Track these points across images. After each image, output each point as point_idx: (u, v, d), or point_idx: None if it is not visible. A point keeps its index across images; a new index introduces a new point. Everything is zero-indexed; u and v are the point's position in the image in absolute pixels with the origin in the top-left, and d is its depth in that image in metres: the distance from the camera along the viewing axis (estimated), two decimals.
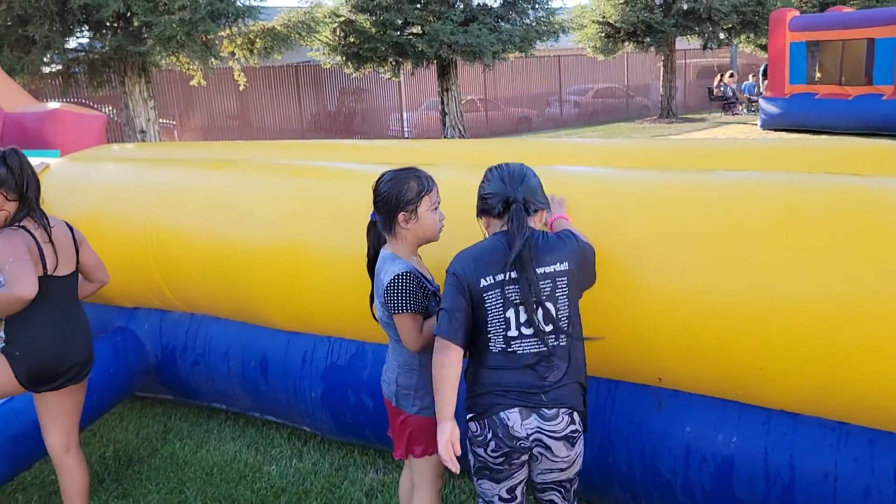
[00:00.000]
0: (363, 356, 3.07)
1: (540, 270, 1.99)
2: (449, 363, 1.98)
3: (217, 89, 21.45)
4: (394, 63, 16.98)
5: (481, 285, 2.00)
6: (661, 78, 22.78)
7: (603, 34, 21.07)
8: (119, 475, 3.27)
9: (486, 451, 2.03)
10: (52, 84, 15.11)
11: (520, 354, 2.00)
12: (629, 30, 20.67)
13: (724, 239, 2.23)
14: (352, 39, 16.33)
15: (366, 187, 3.04)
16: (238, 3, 12.83)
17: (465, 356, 2.06)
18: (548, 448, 2.01)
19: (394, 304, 2.16)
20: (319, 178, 3.32)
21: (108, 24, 12.89)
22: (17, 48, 11.89)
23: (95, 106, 17.57)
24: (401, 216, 2.20)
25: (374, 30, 15.91)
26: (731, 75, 22.61)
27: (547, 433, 2.00)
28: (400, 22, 16.04)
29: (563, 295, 2.02)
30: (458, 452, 1.98)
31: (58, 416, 2.69)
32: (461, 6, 16.27)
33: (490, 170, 2.14)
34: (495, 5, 17.04)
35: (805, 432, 2.28)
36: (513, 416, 1.99)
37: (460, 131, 17.75)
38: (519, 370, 2.00)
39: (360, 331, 3.03)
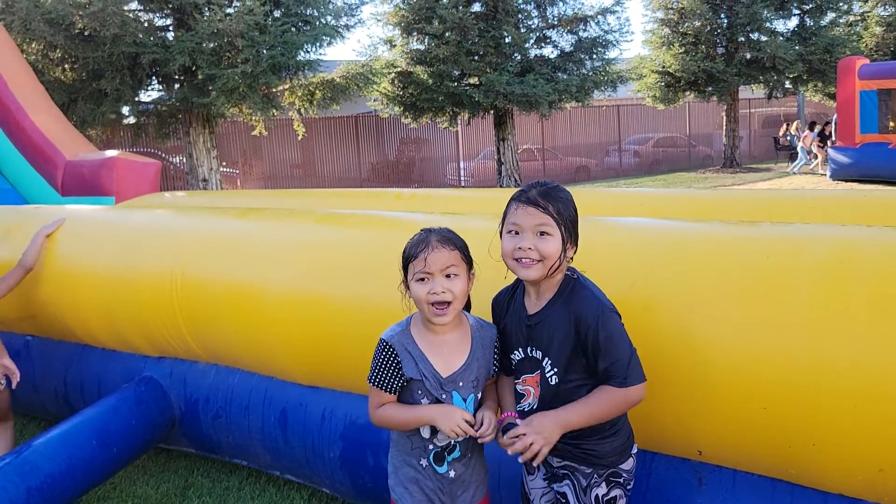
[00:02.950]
0: None
1: None
2: None
3: (280, 139, 22.12)
4: (451, 113, 17.18)
5: None
6: (725, 127, 22.34)
7: (663, 83, 20.88)
8: None
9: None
10: (122, 135, 15.80)
11: None
12: (690, 79, 20.41)
13: (771, 296, 2.00)
14: (409, 90, 16.62)
15: (395, 235, 2.93)
16: (298, 57, 13.22)
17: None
18: None
19: None
20: (346, 226, 3.21)
21: (175, 77, 13.45)
22: (90, 101, 12.51)
23: (164, 156, 18.29)
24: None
25: (431, 81, 16.15)
26: (798, 125, 21.96)
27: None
28: (457, 73, 16.25)
29: None
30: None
31: None
32: (518, 57, 16.39)
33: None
34: (552, 56, 17.10)
35: None
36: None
37: (516, 180, 17.69)
38: None
39: None
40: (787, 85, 21.16)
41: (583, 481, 1.97)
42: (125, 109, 14.04)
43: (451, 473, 2.06)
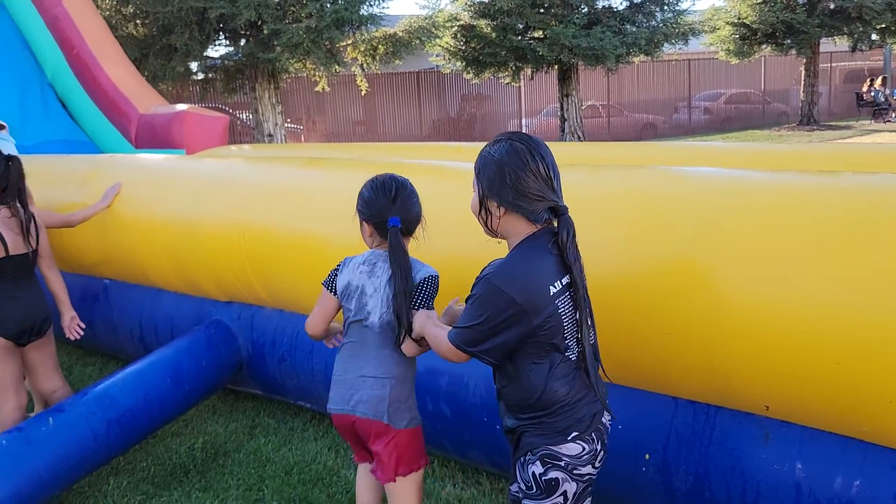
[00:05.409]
0: (442, 363, 2.93)
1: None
2: None
3: (342, 95, 22.22)
4: (513, 68, 16.85)
5: (551, 293, 1.77)
6: (803, 82, 21.23)
7: (738, 36, 19.92)
8: (204, 467, 3.31)
9: (594, 465, 1.86)
10: (191, 90, 16.15)
11: (586, 354, 1.84)
12: (767, 31, 19.41)
13: (848, 248, 1.91)
14: (472, 45, 16.36)
15: (455, 185, 2.91)
16: (362, 11, 13.16)
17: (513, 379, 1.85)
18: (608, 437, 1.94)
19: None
20: (407, 176, 3.21)
21: (241, 32, 13.59)
22: (160, 56, 12.78)
23: (230, 111, 18.64)
24: None
25: (493, 34, 15.84)
26: (884, 80, 20.69)
27: (611, 422, 1.95)
28: (521, 26, 15.88)
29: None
30: None
31: (42, 366, 3.28)
32: (584, 9, 15.88)
33: (524, 150, 1.80)
34: (620, 7, 16.51)
35: None
36: (606, 418, 1.91)
37: (579, 137, 17.33)
38: (588, 371, 1.84)
39: None
40: (874, 37, 19.88)
41: (521, 460, 1.89)
42: (194, 65, 14.31)
43: None
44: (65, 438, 2.90)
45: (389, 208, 2.15)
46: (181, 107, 7.70)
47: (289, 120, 18.46)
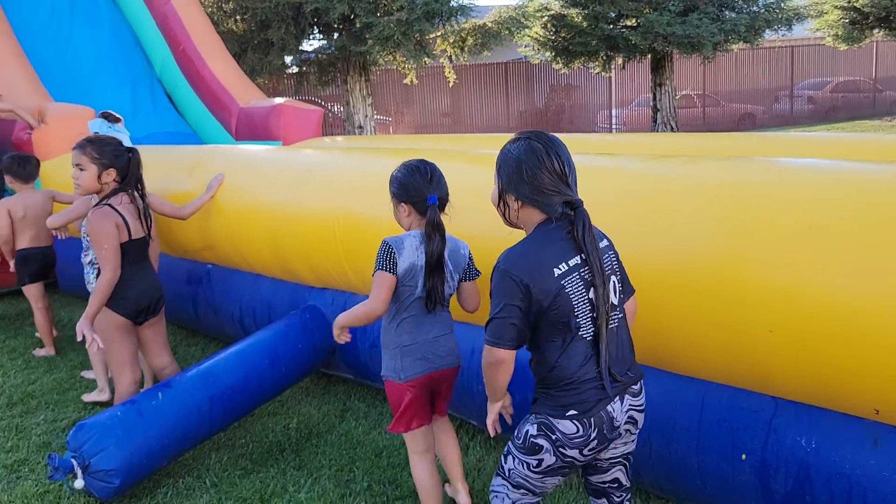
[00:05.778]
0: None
1: (600, 247, 1.95)
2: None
3: (430, 87, 22.39)
4: (605, 57, 16.50)
5: (556, 275, 1.86)
6: None
7: (847, 20, 18.75)
8: (299, 447, 3.44)
9: (582, 451, 1.92)
10: (286, 83, 16.67)
11: (603, 335, 1.89)
12: (880, 14, 18.18)
13: None
14: (562, 34, 16.11)
15: None
16: (452, 3, 13.21)
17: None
18: (635, 422, 2.00)
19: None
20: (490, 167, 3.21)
21: (334, 26, 13.91)
22: (258, 50, 13.25)
23: (322, 103, 19.13)
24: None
25: (585, 23, 15.54)
26: None
27: (636, 408, 1.99)
28: (613, 15, 15.51)
29: (617, 268, 2.00)
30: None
31: (155, 344, 3.47)
32: None
33: (541, 149, 1.90)
34: None
35: None
36: (616, 407, 1.93)
37: (672, 128, 16.81)
38: (603, 353, 1.89)
39: None
40: None
41: (527, 417, 2.03)
42: (288, 59, 14.78)
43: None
44: (172, 412, 3.09)
45: (427, 188, 2.40)
46: (278, 100, 7.97)
47: (377, 112, 18.78)
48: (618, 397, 1.92)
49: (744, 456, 2.30)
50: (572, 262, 1.87)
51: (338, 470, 3.20)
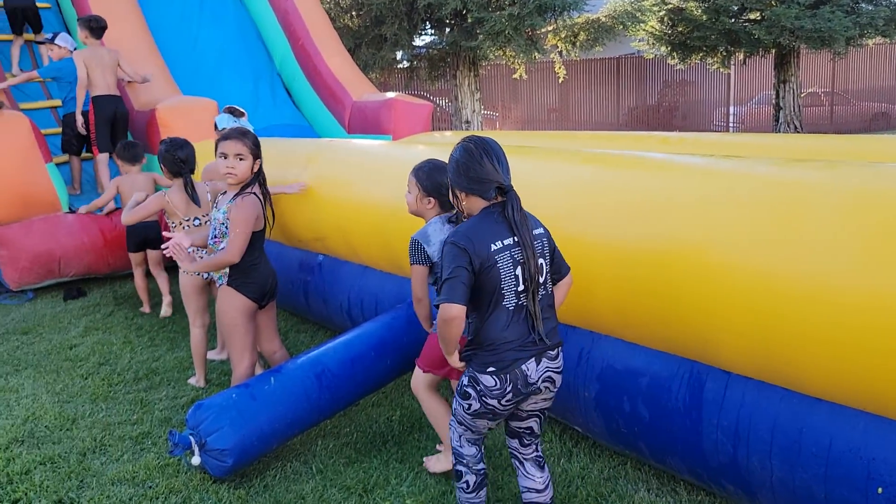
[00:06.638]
0: (642, 363, 2.82)
1: (532, 234, 2.32)
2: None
3: (538, 82, 22.16)
4: (724, 53, 15.73)
5: (492, 249, 2.24)
6: None
7: None
8: (401, 439, 3.47)
9: (500, 401, 2.32)
10: (397, 77, 16.96)
11: (526, 306, 2.28)
12: None
13: None
14: (679, 28, 15.49)
15: (665, 177, 2.78)
16: None
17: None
18: (553, 381, 2.38)
19: None
20: (612, 167, 3.11)
21: (446, 21, 14.01)
22: (371, 46, 13.53)
23: (430, 97, 19.33)
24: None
25: (705, 17, 14.87)
26: None
27: (554, 370, 2.36)
28: (735, 7, 14.76)
29: (547, 252, 2.38)
30: None
31: (268, 327, 3.61)
32: None
33: (474, 149, 2.32)
34: None
35: None
36: (531, 366, 2.30)
37: (796, 128, 15.83)
38: (527, 322, 2.29)
39: (640, 333, 2.79)
40: None
41: (465, 370, 2.40)
42: (400, 54, 15.01)
43: None
44: (283, 398, 3.19)
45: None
46: (390, 95, 8.11)
47: (484, 107, 18.77)
48: (533, 359, 2.29)
49: (880, 489, 2.12)
50: (506, 242, 2.26)
51: None
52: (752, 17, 14.90)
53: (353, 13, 13.84)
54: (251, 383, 3.22)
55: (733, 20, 14.78)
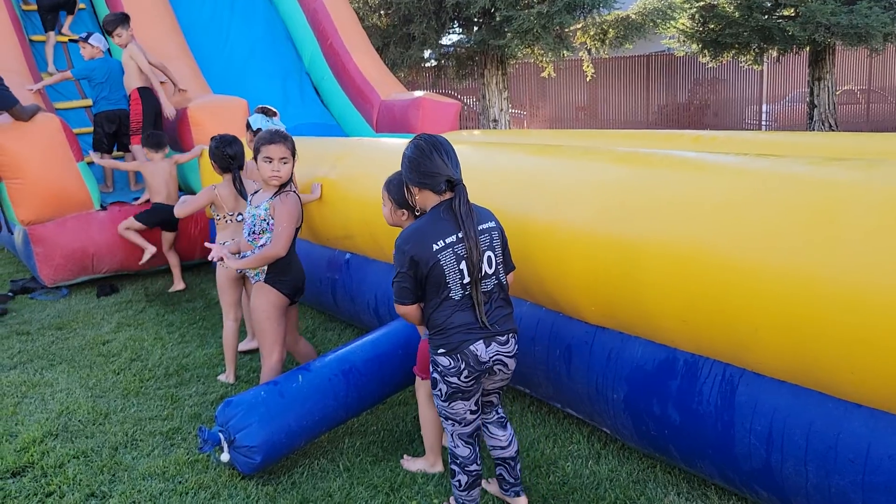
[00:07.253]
0: (673, 365, 2.78)
1: (479, 228, 2.51)
2: None
3: (566, 81, 22.02)
4: (757, 50, 15.47)
5: (433, 249, 2.42)
6: None
7: None
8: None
9: (459, 378, 2.51)
10: (424, 76, 16.97)
11: (473, 297, 2.47)
12: None
13: None
14: (711, 25, 15.27)
15: (697, 177, 2.73)
16: None
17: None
18: (505, 364, 2.59)
19: None
20: (645, 166, 3.07)
21: (474, 19, 13.98)
22: (400, 45, 13.56)
23: (458, 96, 19.31)
24: None
25: (737, 14, 14.63)
26: None
27: (505, 354, 2.57)
28: (768, 4, 14.50)
29: (497, 245, 2.57)
30: None
31: (291, 321, 3.72)
32: None
33: (424, 146, 2.49)
34: None
35: None
36: (479, 347, 2.50)
37: (831, 126, 15.51)
38: (474, 309, 2.48)
39: (671, 335, 2.75)
40: None
41: None
42: (427, 53, 15.01)
43: None
44: (311, 395, 3.20)
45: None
46: (418, 93, 8.11)
47: (512, 105, 18.70)
48: (482, 341, 2.49)
49: None
50: (448, 240, 2.44)
51: None
52: (786, 13, 14.63)
53: (382, 12, 13.88)
54: (280, 381, 3.24)
55: (766, 17, 14.53)
